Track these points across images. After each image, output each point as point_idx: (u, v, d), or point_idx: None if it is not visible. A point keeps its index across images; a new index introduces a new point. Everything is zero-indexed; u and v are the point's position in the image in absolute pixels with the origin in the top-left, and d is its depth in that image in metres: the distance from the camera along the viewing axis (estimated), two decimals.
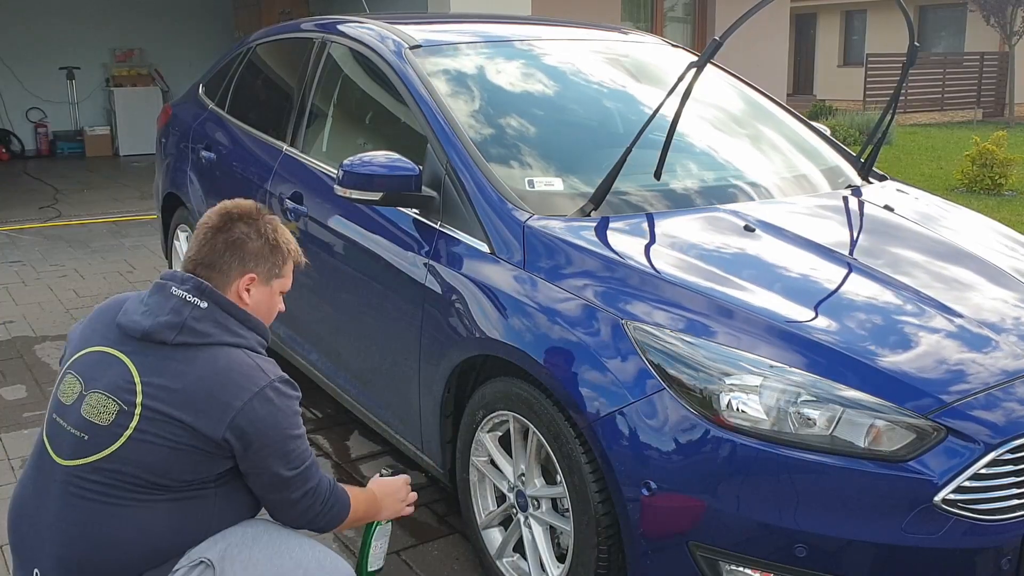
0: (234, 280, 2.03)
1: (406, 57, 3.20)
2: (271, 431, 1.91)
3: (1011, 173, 9.48)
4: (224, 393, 1.88)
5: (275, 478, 1.95)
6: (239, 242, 2.03)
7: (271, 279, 2.09)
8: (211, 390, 1.88)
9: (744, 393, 2.07)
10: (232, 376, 1.91)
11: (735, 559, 2.08)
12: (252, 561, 1.94)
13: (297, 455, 1.96)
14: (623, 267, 2.39)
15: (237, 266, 2.03)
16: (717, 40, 2.50)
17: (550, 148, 3.05)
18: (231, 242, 2.03)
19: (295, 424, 1.97)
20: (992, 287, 2.53)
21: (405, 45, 3.27)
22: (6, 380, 4.28)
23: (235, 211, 2.07)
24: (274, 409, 1.92)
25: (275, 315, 2.16)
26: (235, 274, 2.03)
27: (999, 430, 2.04)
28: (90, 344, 2.01)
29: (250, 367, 1.94)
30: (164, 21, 12.24)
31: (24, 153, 11.79)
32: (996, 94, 21.00)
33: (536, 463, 2.46)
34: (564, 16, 5.15)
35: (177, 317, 1.93)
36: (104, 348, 1.97)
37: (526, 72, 3.40)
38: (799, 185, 3.13)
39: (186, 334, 1.92)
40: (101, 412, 1.89)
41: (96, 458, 1.88)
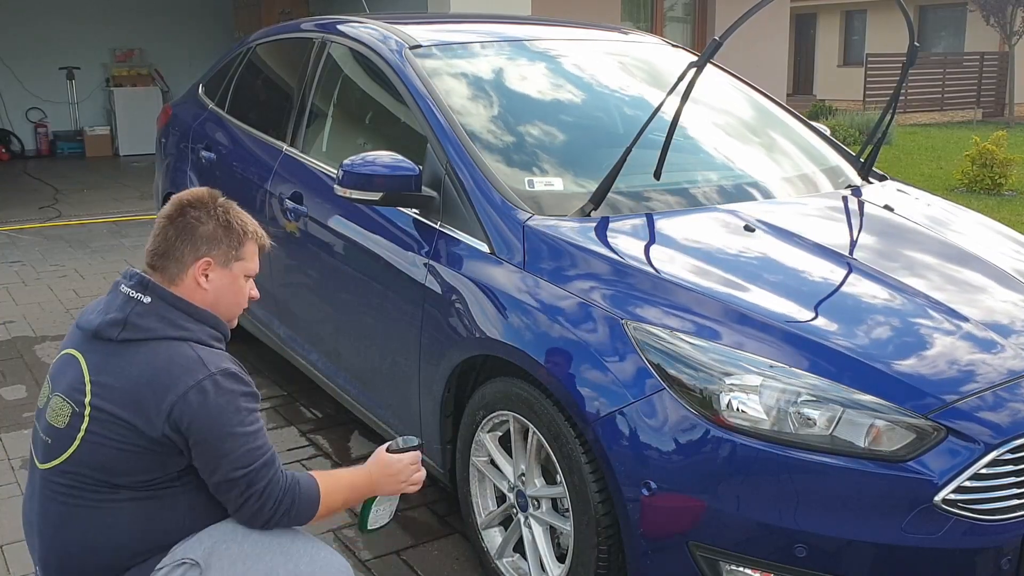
0: (189, 266, 1.97)
1: (406, 57, 3.20)
2: (209, 427, 1.83)
3: (1011, 173, 9.48)
4: (160, 387, 1.83)
5: (221, 478, 1.86)
6: (190, 227, 1.98)
7: (229, 262, 2.02)
8: (150, 385, 1.84)
9: (744, 393, 2.07)
10: (170, 369, 1.85)
11: (735, 559, 2.08)
12: (240, 557, 1.88)
13: (242, 454, 1.85)
14: (623, 267, 2.39)
15: (190, 252, 1.98)
16: (717, 40, 2.50)
17: (550, 148, 3.05)
18: (182, 228, 1.98)
19: (239, 421, 1.86)
20: (992, 287, 2.53)
21: (405, 45, 3.27)
22: (6, 380, 4.28)
23: (187, 198, 2.03)
24: (210, 403, 1.84)
25: (244, 302, 2.08)
26: (189, 260, 1.97)
27: (999, 430, 2.04)
28: (64, 348, 2.01)
29: (190, 360, 1.87)
30: (164, 21, 12.24)
31: (24, 153, 11.79)
32: (996, 94, 21.00)
33: (536, 463, 2.46)
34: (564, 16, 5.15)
35: (120, 314, 1.90)
36: (69, 350, 1.97)
37: (526, 72, 3.40)
38: (799, 185, 3.13)
39: (129, 330, 1.89)
40: (59, 415, 1.90)
41: (58, 462, 1.89)
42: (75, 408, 1.88)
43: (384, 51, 3.29)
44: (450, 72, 3.20)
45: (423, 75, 3.10)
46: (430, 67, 3.16)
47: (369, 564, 2.83)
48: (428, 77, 3.09)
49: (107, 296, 2.00)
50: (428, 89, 3.03)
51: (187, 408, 1.82)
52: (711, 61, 2.82)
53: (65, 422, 1.89)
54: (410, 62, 3.17)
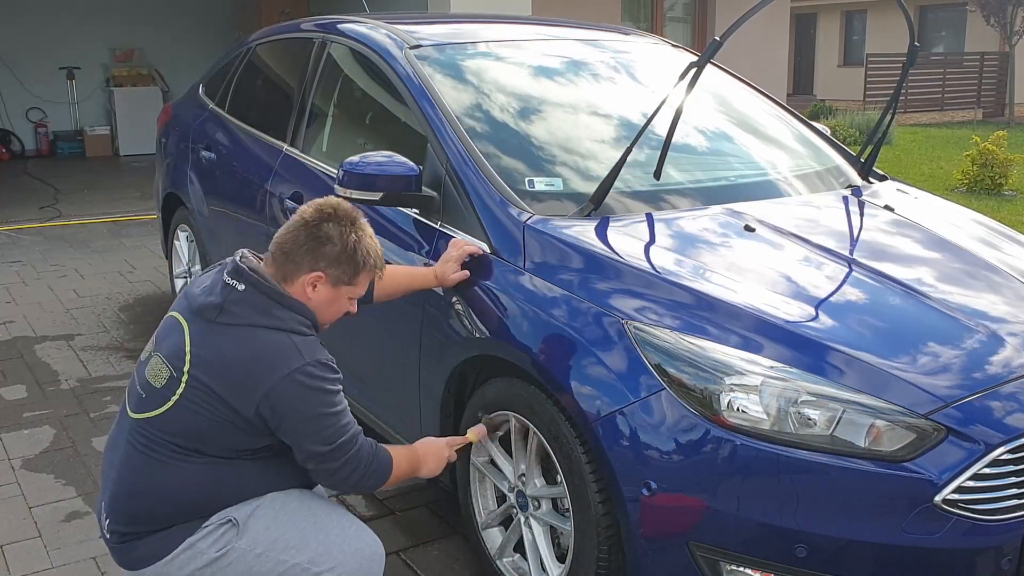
0: (303, 273, 2.11)
1: (406, 57, 3.20)
2: (300, 411, 2.01)
3: (1011, 173, 9.48)
4: (256, 373, 1.99)
5: (310, 452, 2.05)
6: (319, 241, 2.11)
7: (340, 284, 2.15)
8: (245, 369, 2.00)
9: (744, 393, 2.07)
10: (264, 357, 2.01)
11: (735, 559, 2.08)
12: (276, 523, 2.09)
13: (332, 432, 2.04)
14: (623, 267, 2.38)
15: (309, 262, 2.11)
16: (717, 40, 2.50)
17: (550, 148, 3.05)
18: (312, 238, 2.11)
19: (328, 403, 2.04)
20: (993, 288, 2.53)
21: (405, 45, 3.27)
22: (6, 380, 4.28)
23: (329, 210, 2.14)
24: (303, 390, 2.00)
25: (339, 316, 2.23)
26: (305, 268, 2.11)
27: (999, 430, 2.04)
28: (172, 310, 2.19)
29: (286, 348, 2.03)
30: (164, 21, 12.23)
31: (24, 153, 11.78)
32: (996, 94, 20.99)
33: (536, 463, 2.46)
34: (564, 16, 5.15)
35: (218, 299, 2.06)
36: (175, 315, 2.15)
37: (526, 72, 3.40)
38: (799, 185, 3.13)
39: (225, 315, 2.05)
40: (157, 375, 2.07)
41: (148, 416, 2.06)
42: (173, 373, 2.04)
43: (384, 51, 3.29)
44: (450, 72, 3.20)
45: (423, 75, 3.09)
46: (430, 67, 3.16)
47: None
48: (428, 77, 3.09)
49: (213, 273, 2.15)
50: (428, 89, 3.03)
51: (283, 394, 1.99)
52: (711, 61, 2.82)
53: (162, 383, 2.05)
54: (410, 62, 3.17)
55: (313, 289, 2.12)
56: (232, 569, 2.07)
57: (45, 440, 3.65)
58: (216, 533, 2.07)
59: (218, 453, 2.06)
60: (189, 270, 4.78)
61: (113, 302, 5.50)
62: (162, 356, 2.08)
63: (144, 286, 5.85)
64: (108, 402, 4.01)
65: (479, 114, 3.04)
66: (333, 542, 2.13)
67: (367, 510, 3.13)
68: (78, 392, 4.13)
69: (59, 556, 2.85)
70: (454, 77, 3.18)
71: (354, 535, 2.17)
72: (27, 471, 3.40)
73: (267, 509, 2.11)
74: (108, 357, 4.57)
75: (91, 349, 4.66)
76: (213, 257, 4.33)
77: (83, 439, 3.65)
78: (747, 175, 3.12)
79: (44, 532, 2.98)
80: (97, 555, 2.85)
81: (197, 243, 4.53)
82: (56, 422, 3.81)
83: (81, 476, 3.36)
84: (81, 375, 4.33)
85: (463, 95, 3.10)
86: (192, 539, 2.06)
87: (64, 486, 3.29)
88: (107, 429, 3.73)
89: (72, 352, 4.62)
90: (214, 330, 2.04)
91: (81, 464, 3.45)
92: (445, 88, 3.06)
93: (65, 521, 3.05)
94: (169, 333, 2.12)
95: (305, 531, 2.12)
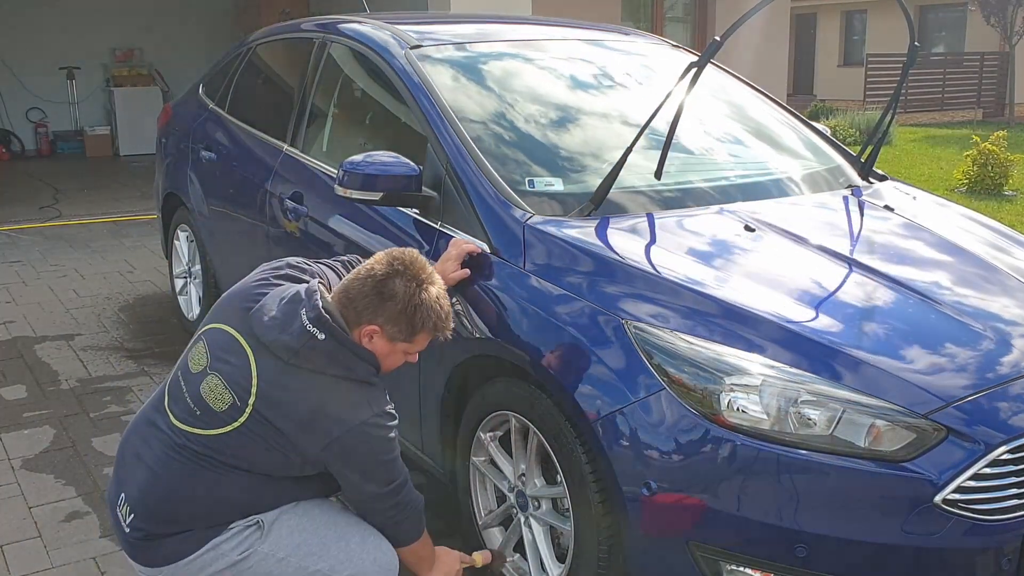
0: (364, 324, 2.12)
1: (406, 57, 3.20)
2: (363, 459, 2.09)
3: (1012, 173, 9.48)
4: (326, 421, 2.02)
5: (369, 492, 2.15)
6: (383, 296, 2.10)
7: (396, 340, 2.15)
8: (315, 415, 2.02)
9: (744, 393, 2.07)
10: (336, 406, 2.05)
11: (735, 559, 2.08)
12: (300, 529, 2.15)
13: (386, 476, 2.13)
14: (623, 267, 2.38)
15: (369, 314, 2.11)
16: (717, 40, 2.50)
17: (550, 148, 3.05)
18: (377, 291, 2.10)
19: (387, 450, 2.12)
20: (993, 287, 2.53)
21: (405, 45, 3.27)
22: (6, 380, 4.28)
23: (399, 265, 2.12)
24: (370, 440, 2.08)
25: (396, 366, 2.23)
26: (365, 319, 2.12)
27: (1000, 430, 2.04)
28: (227, 320, 2.15)
29: (355, 400, 2.08)
30: (164, 21, 12.23)
31: (24, 153, 11.78)
32: (996, 94, 20.99)
33: (536, 463, 2.46)
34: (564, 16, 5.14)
35: (296, 343, 2.04)
36: (235, 334, 2.12)
37: (526, 72, 3.40)
38: (799, 185, 3.13)
39: (300, 359, 2.05)
40: (217, 398, 2.07)
41: (200, 434, 2.08)
42: (236, 401, 2.05)
43: (384, 51, 3.29)
44: (450, 72, 3.20)
45: (423, 75, 3.09)
46: (430, 67, 3.16)
47: None
48: (428, 77, 3.09)
49: (284, 304, 2.10)
50: (428, 89, 3.03)
51: (348, 445, 2.05)
52: (711, 61, 2.82)
53: (222, 407, 2.06)
54: (410, 62, 3.17)
55: (370, 340, 2.14)
56: (252, 572, 2.10)
57: (45, 440, 3.65)
58: (241, 535, 2.10)
59: (265, 471, 2.10)
60: (189, 270, 4.77)
61: (113, 302, 5.50)
62: (223, 379, 2.07)
63: (144, 286, 5.85)
64: (108, 402, 4.01)
65: (479, 114, 3.04)
66: (353, 551, 2.16)
67: None
68: (78, 392, 4.13)
69: (59, 556, 2.85)
70: (454, 77, 3.18)
71: (373, 546, 2.20)
72: (27, 471, 3.40)
73: (291, 515, 2.15)
74: (108, 357, 4.57)
75: (91, 349, 4.66)
76: (213, 257, 4.33)
77: (83, 439, 3.65)
78: (747, 175, 3.12)
79: (44, 532, 2.98)
80: (97, 555, 2.85)
81: (197, 243, 4.53)
82: (56, 422, 3.81)
83: (81, 476, 3.35)
84: (81, 375, 4.33)
85: (463, 95, 3.10)
86: (217, 540, 2.09)
87: (64, 486, 3.28)
88: (107, 429, 3.73)
89: (72, 352, 4.62)
90: (286, 371, 2.05)
91: (81, 464, 3.45)
92: (445, 88, 3.06)
93: (65, 521, 3.05)
94: (229, 354, 2.09)
95: (327, 539, 2.15)
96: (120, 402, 4.01)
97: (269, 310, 2.11)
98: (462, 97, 3.08)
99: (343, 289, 2.15)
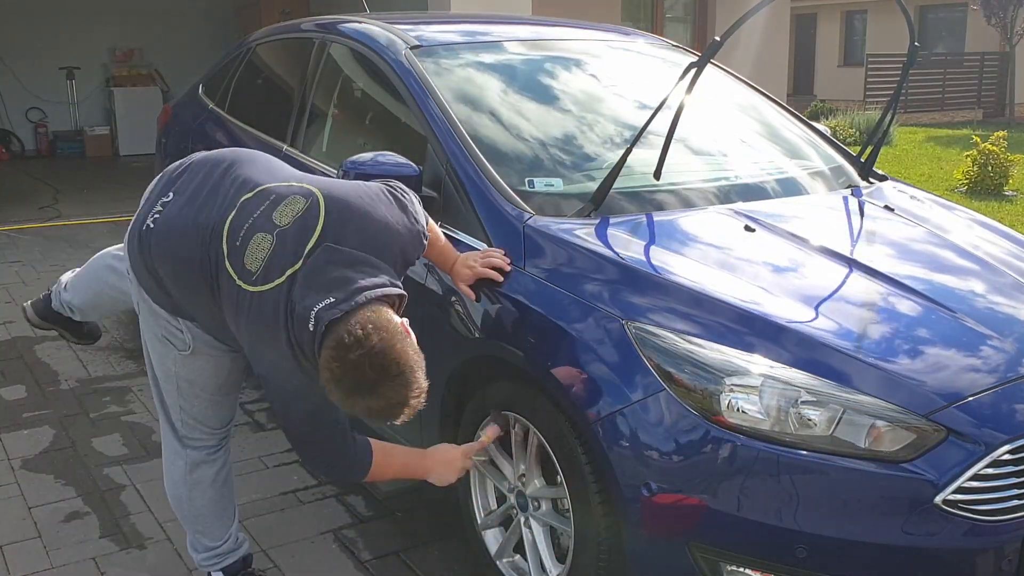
0: None
1: (406, 57, 3.19)
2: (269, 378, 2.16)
3: (1012, 173, 9.48)
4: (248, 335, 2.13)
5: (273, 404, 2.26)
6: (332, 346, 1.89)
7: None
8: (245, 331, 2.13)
9: (744, 393, 2.06)
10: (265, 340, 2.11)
11: (735, 560, 2.08)
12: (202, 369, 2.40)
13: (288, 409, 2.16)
14: (623, 267, 2.38)
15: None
16: (717, 40, 2.50)
17: (550, 148, 3.05)
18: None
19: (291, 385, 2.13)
20: (993, 287, 2.53)
21: (405, 45, 3.27)
22: (6, 380, 4.28)
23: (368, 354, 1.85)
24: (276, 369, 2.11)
25: None
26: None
27: (1000, 430, 2.04)
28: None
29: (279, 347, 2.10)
30: (164, 21, 12.23)
31: (24, 153, 11.78)
32: (996, 94, 20.99)
33: (536, 463, 2.46)
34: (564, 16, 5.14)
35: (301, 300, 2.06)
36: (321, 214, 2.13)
37: (526, 72, 3.40)
38: (799, 185, 3.13)
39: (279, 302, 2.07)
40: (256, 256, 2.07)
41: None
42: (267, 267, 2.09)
43: (384, 51, 3.29)
44: (450, 72, 3.20)
45: (423, 75, 3.09)
46: (430, 67, 3.16)
47: (369, 564, 2.83)
48: (428, 77, 3.09)
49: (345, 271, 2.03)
50: (428, 89, 3.03)
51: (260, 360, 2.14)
52: (712, 61, 2.82)
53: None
54: (410, 62, 3.17)
55: None
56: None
57: (45, 440, 3.65)
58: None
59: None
60: None
61: None
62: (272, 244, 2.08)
63: None
64: (108, 402, 4.01)
65: (479, 114, 3.04)
66: None
67: (367, 510, 3.13)
68: (78, 392, 4.13)
69: (59, 556, 2.85)
70: (454, 77, 3.18)
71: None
72: (27, 471, 3.40)
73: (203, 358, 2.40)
74: (108, 357, 4.57)
75: (91, 349, 4.66)
76: None
77: (83, 439, 3.65)
78: (747, 175, 3.12)
79: (44, 532, 2.98)
80: (97, 555, 2.85)
81: None
82: (56, 422, 3.81)
83: (81, 476, 3.35)
84: (81, 375, 4.33)
85: (463, 95, 3.10)
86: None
87: (64, 486, 3.28)
88: (107, 429, 3.74)
89: (72, 352, 4.62)
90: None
91: (81, 464, 3.45)
92: (445, 88, 3.06)
93: (65, 521, 3.05)
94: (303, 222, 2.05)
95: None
96: (120, 402, 4.01)
97: (340, 262, 1.97)
98: (461, 97, 3.08)
99: None
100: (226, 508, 2.59)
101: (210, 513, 2.55)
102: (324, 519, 3.07)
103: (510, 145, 2.98)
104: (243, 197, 2.14)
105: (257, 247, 2.03)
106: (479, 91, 3.17)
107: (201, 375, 2.38)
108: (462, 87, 3.15)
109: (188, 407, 2.42)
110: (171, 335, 2.34)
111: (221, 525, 2.58)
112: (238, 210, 2.12)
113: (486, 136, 2.92)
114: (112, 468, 3.42)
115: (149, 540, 2.94)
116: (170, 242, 2.20)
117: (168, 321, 2.33)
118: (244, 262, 2.05)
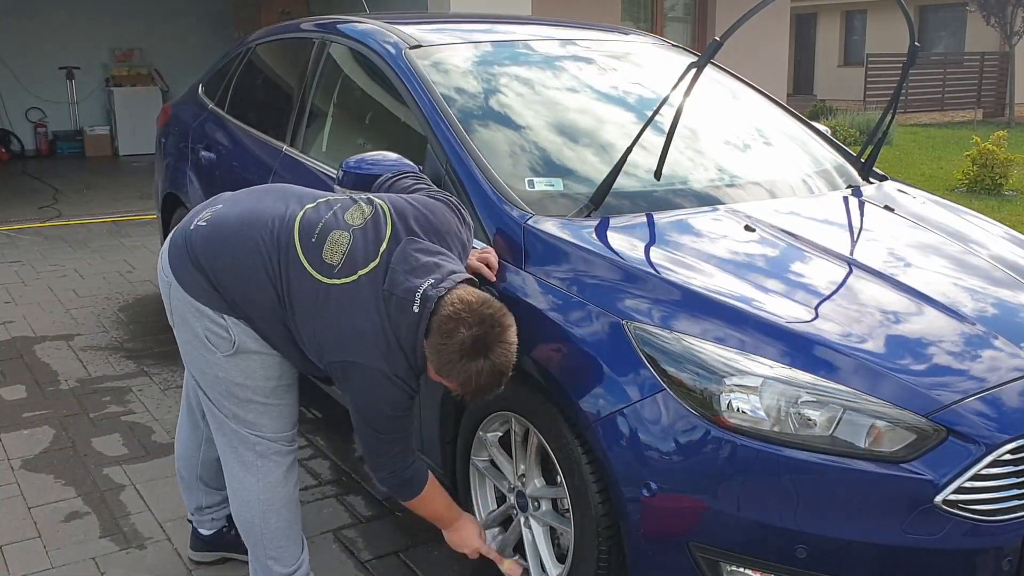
0: None
1: (406, 57, 3.19)
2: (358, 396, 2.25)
3: (1012, 173, 9.48)
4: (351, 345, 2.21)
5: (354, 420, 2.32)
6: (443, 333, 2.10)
7: (431, 363, 2.17)
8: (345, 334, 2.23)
9: (744, 393, 2.06)
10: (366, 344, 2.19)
11: (736, 560, 2.08)
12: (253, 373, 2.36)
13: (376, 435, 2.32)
14: (623, 267, 2.38)
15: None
16: (717, 40, 2.50)
17: (550, 148, 3.05)
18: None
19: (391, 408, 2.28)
20: (993, 287, 2.53)
21: (405, 45, 3.27)
22: (6, 380, 4.28)
23: (478, 325, 2.08)
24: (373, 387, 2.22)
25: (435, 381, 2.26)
26: None
27: (1000, 430, 2.03)
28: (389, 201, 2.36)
29: (383, 353, 2.21)
30: (164, 21, 12.24)
31: (24, 153, 11.78)
32: (996, 94, 20.99)
33: (536, 463, 2.46)
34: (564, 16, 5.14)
35: (398, 288, 2.19)
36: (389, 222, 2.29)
37: (526, 72, 3.40)
38: (799, 185, 3.13)
39: (387, 301, 2.21)
40: (335, 252, 2.21)
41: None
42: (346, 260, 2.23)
43: (384, 51, 3.29)
44: (450, 72, 3.19)
45: (423, 75, 3.09)
46: (430, 67, 3.16)
47: (369, 564, 2.83)
48: (428, 77, 3.09)
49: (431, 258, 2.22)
50: (428, 89, 3.03)
51: (353, 373, 2.20)
52: (712, 61, 2.82)
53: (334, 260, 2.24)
54: (410, 62, 3.17)
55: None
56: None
57: (45, 440, 3.65)
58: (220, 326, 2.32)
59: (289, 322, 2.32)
60: None
61: (113, 302, 5.50)
62: (351, 242, 2.19)
63: (144, 286, 5.85)
64: (107, 402, 4.01)
65: (479, 114, 3.04)
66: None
67: (367, 510, 3.13)
68: (78, 392, 4.13)
69: (58, 556, 2.85)
70: (453, 77, 3.18)
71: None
72: (27, 471, 3.40)
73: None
74: (108, 357, 4.56)
75: (91, 349, 4.66)
76: None
77: (83, 439, 3.65)
78: (747, 175, 3.12)
79: (44, 532, 2.98)
80: (97, 555, 2.85)
81: None
82: (56, 422, 3.81)
83: (81, 476, 3.35)
84: (81, 375, 4.33)
85: (463, 95, 3.10)
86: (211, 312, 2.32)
87: (64, 486, 3.28)
88: (107, 429, 3.74)
89: (72, 352, 4.62)
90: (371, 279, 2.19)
91: (81, 464, 3.45)
92: (444, 88, 3.06)
93: (65, 521, 3.05)
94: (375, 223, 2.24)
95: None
96: (120, 402, 4.01)
97: (425, 251, 2.18)
98: (461, 97, 3.08)
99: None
100: (298, 531, 2.51)
101: (283, 535, 2.45)
102: (324, 519, 3.07)
103: (510, 145, 2.98)
104: (306, 205, 2.30)
105: (335, 243, 2.19)
106: (478, 91, 3.17)
107: (251, 377, 2.32)
108: (462, 87, 3.15)
109: (243, 414, 2.35)
110: (213, 334, 2.29)
111: (294, 547, 2.49)
112: (305, 213, 2.27)
113: (486, 136, 2.92)
114: (112, 468, 3.42)
115: (149, 540, 2.94)
116: (227, 233, 2.26)
117: (211, 320, 2.28)
118: (323, 256, 2.18)
